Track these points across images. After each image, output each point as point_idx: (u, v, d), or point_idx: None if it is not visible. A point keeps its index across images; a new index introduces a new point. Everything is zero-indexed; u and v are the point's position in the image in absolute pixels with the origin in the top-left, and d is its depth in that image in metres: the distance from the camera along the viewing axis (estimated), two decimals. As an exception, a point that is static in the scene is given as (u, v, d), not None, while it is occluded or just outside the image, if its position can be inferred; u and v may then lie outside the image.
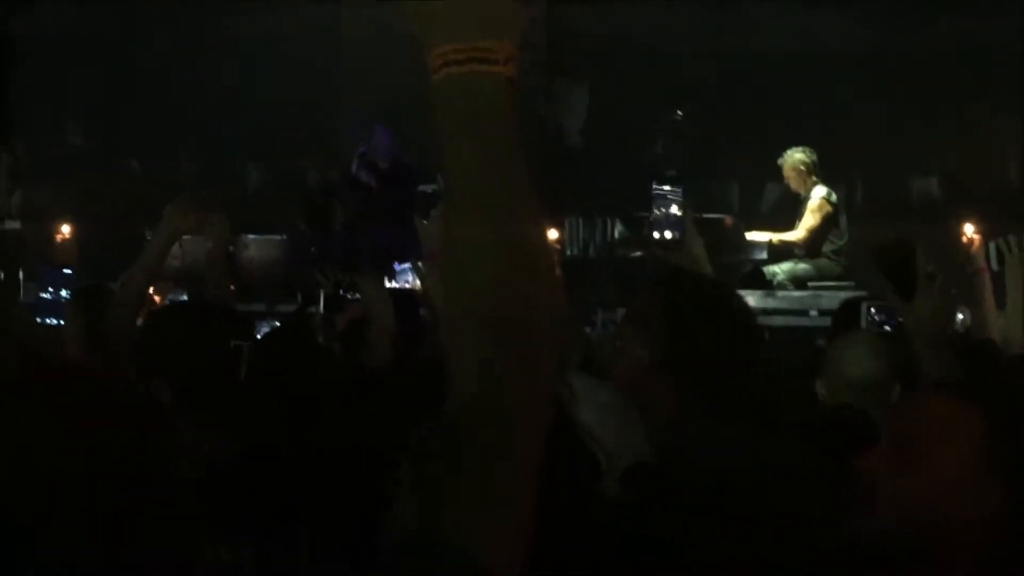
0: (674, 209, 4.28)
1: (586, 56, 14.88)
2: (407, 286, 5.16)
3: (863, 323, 5.36)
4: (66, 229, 6.20)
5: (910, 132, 14.19)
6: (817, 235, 11.64)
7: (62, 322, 5.21)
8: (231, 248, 12.87)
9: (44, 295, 4.80)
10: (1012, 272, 5.05)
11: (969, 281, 5.75)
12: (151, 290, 5.20)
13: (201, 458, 2.83)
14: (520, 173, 1.59)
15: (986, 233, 6.03)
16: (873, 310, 5.37)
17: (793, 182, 11.82)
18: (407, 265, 5.01)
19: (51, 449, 1.67)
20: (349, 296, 7.46)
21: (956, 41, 14.14)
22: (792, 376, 4.61)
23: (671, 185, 4.34)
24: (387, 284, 5.25)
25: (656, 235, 4.30)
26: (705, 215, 13.16)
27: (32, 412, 1.70)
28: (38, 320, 5.23)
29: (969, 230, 5.93)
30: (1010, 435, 2.27)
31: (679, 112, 12.44)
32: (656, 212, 4.29)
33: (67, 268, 5.52)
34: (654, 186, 4.33)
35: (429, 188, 12.96)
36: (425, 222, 5.59)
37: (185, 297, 5.64)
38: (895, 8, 14.32)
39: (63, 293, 5.30)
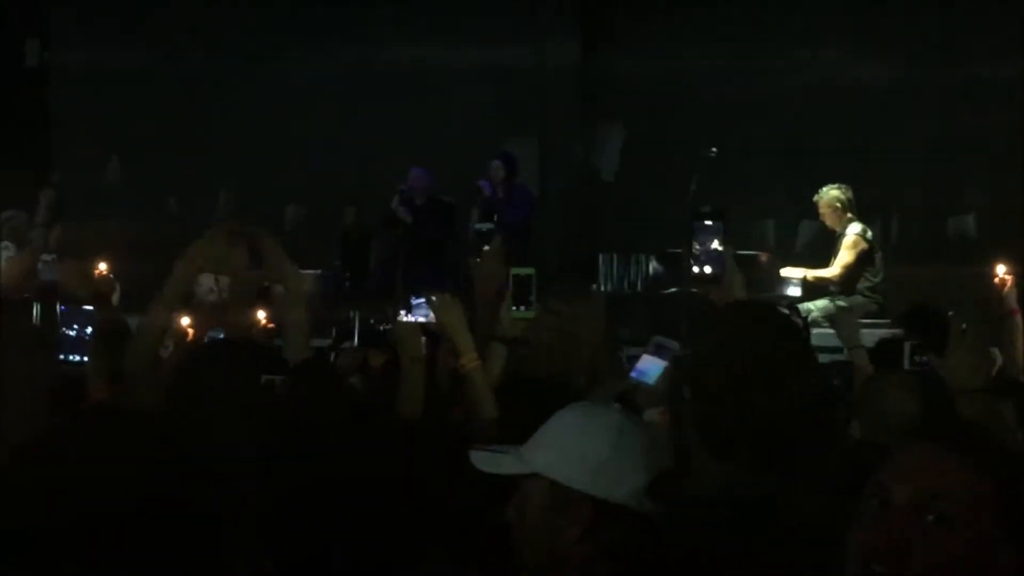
0: (715, 244, 4.24)
1: (622, 98, 14.93)
2: (422, 320, 5.17)
3: (905, 363, 5.32)
4: (103, 266, 6.21)
5: (946, 169, 14.17)
6: (852, 272, 11.61)
7: (86, 359, 5.14)
8: (266, 282, 12.97)
9: (69, 332, 4.78)
10: None
11: (1001, 322, 5.72)
12: (186, 325, 5.20)
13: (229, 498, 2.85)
14: None
15: (1020, 273, 6.00)
16: (913, 349, 5.33)
17: (828, 219, 11.79)
18: (422, 300, 4.99)
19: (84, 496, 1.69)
20: (383, 331, 7.47)
21: (993, 75, 14.12)
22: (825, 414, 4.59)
23: (712, 220, 4.29)
24: (408, 318, 5.24)
25: (696, 270, 4.26)
26: (740, 251, 13.14)
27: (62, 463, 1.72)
28: (61, 358, 5.15)
29: (1001, 271, 5.87)
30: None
31: (714, 150, 12.42)
32: (696, 247, 4.25)
33: (96, 305, 5.57)
34: (695, 221, 4.29)
35: (484, 227, 12.99)
36: (477, 260, 5.58)
37: (221, 335, 5.62)
38: (932, 44, 14.33)
39: (87, 330, 5.23)
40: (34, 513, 1.72)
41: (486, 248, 5.55)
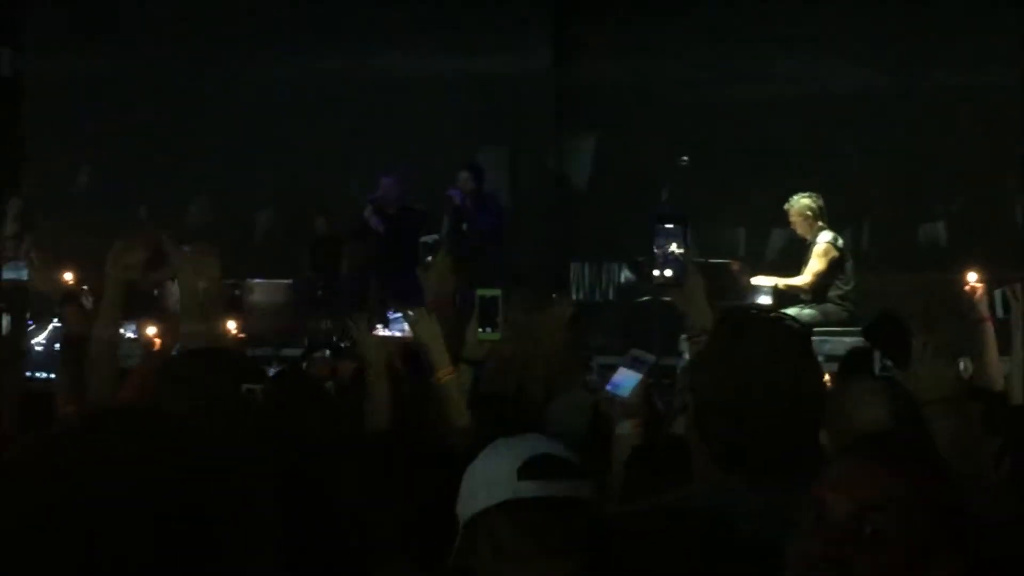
0: (675, 248, 4.23)
1: (593, 107, 14.96)
2: (399, 334, 5.16)
3: (875, 370, 5.33)
4: (69, 277, 6.14)
5: (916, 176, 14.23)
6: (823, 280, 11.64)
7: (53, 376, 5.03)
8: (237, 291, 12.97)
9: (37, 347, 4.63)
10: (1017, 321, 4.99)
11: (972, 329, 5.74)
12: (153, 335, 5.17)
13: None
14: None
15: (991, 281, 6.02)
16: (883, 356, 5.34)
17: (799, 227, 11.83)
18: (399, 314, 5.00)
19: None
20: (344, 346, 7.48)
21: (962, 83, 14.19)
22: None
23: (672, 223, 4.28)
24: (382, 332, 5.24)
25: (656, 273, 4.25)
26: (711, 260, 13.20)
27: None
28: (28, 374, 5.02)
29: (972, 278, 5.89)
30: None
31: (685, 159, 12.45)
32: (656, 251, 4.24)
33: (67, 308, 5.48)
34: (655, 225, 4.28)
35: (430, 239, 13.04)
36: (426, 272, 5.60)
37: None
38: (901, 52, 14.39)
39: (55, 346, 5.11)
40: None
41: (428, 259, 5.58)
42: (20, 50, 15.32)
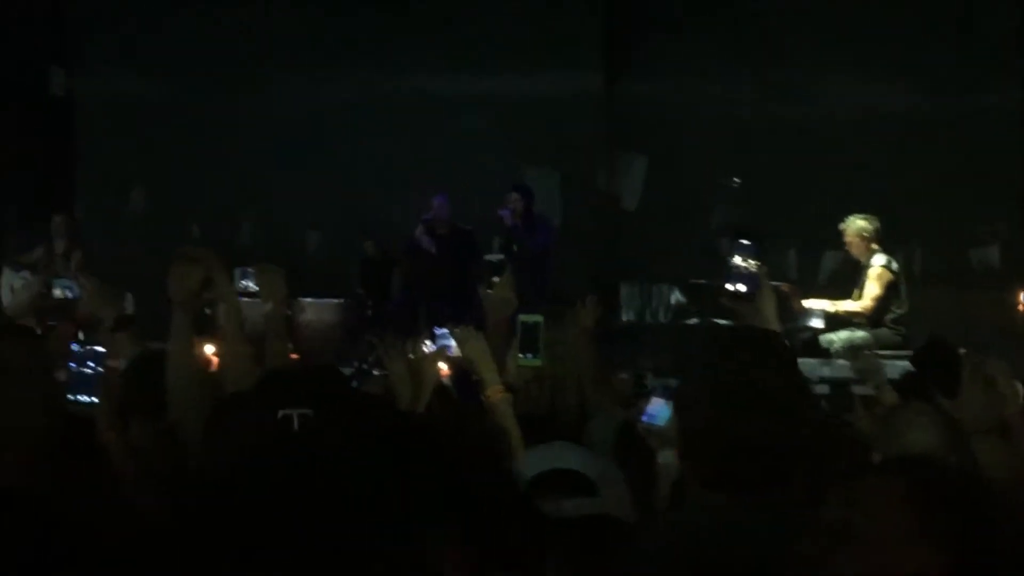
0: (752, 264, 4.26)
1: (644, 127, 14.93)
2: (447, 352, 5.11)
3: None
4: (124, 303, 6.11)
5: (967, 198, 14.14)
6: (881, 304, 11.55)
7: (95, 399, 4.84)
8: (290, 311, 13.01)
9: (83, 370, 4.50)
10: None
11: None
12: (213, 353, 5.14)
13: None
14: None
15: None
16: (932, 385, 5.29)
17: (855, 248, 11.75)
18: (445, 330, 4.95)
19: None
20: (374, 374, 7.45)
21: (1010, 104, 14.12)
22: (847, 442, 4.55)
23: (748, 239, 4.31)
24: (431, 347, 5.19)
25: (729, 286, 4.27)
26: (765, 282, 13.10)
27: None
28: (69, 397, 4.81)
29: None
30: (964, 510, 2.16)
31: (736, 180, 12.42)
32: (731, 264, 4.27)
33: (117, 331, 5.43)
34: (732, 239, 4.32)
35: (495, 257, 13.01)
36: (489, 291, 5.53)
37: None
38: (950, 73, 14.31)
39: (100, 369, 4.92)
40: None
41: (496, 279, 5.51)
42: (71, 70, 15.45)
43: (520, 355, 4.87)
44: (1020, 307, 5.76)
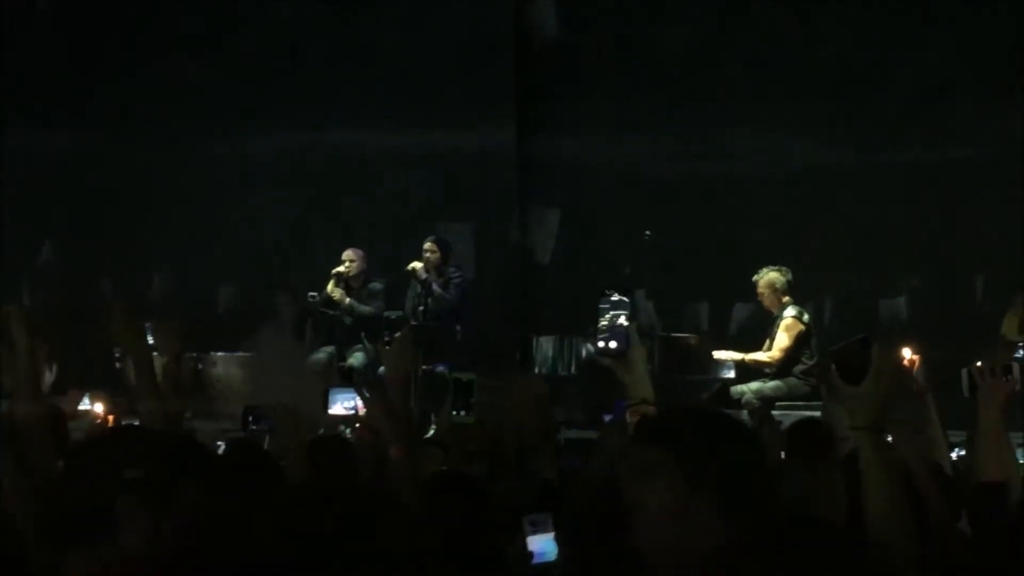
0: (621, 320, 4.27)
1: (558, 181, 15.02)
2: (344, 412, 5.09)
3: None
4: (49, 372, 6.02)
5: (878, 252, 14.30)
6: (790, 355, 11.68)
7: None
8: (199, 365, 12.89)
9: None
10: (985, 400, 4.94)
11: (913, 405, 5.71)
12: (100, 409, 5.08)
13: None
14: None
15: (924, 354, 6.08)
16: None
17: (766, 300, 11.89)
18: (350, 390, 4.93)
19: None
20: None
21: (923, 160, 14.30)
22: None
23: (618, 296, 4.32)
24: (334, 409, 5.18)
25: (601, 344, 4.29)
26: (672, 334, 13.25)
27: None
28: None
29: (907, 353, 5.97)
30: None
31: (648, 233, 12.51)
32: (602, 322, 4.28)
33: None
34: (600, 297, 4.33)
35: (394, 314, 13.08)
36: (387, 348, 5.55)
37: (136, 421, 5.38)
38: (865, 130, 14.49)
39: None
40: None
41: (395, 335, 5.52)
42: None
43: (453, 412, 4.86)
44: (905, 361, 5.83)
